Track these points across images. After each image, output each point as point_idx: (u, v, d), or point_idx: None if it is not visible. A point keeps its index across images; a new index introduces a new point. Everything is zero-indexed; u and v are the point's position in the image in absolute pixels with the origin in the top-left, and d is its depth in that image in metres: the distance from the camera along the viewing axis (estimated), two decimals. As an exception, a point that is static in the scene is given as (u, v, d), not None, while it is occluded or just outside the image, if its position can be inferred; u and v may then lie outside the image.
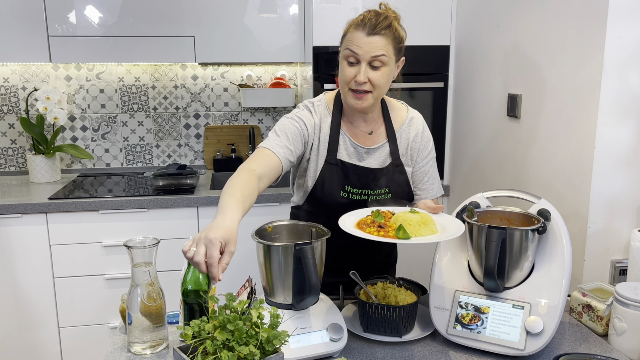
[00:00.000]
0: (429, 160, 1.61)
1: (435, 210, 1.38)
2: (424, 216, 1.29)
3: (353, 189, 1.54)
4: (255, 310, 1.06)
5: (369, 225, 1.29)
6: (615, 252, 1.73)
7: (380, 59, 1.41)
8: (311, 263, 1.22)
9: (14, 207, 2.42)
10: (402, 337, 1.35)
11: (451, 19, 2.58)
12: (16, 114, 2.97)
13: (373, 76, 1.42)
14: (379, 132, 1.58)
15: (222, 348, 1.02)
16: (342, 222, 1.30)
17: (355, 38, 1.41)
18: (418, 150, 1.59)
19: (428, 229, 1.26)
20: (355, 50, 1.41)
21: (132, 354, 1.29)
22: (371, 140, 1.57)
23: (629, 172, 1.69)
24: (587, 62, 1.70)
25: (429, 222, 1.28)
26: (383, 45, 1.41)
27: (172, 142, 3.14)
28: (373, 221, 1.31)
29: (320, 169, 1.55)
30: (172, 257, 2.46)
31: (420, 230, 1.25)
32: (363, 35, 1.40)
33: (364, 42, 1.40)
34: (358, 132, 1.57)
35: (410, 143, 1.58)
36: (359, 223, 1.32)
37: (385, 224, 1.28)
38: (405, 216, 1.29)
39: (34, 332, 2.55)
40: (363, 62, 1.42)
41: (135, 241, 1.26)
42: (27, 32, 2.58)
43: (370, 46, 1.40)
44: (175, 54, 2.70)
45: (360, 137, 1.57)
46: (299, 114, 1.55)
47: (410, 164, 1.60)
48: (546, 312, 1.27)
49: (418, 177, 1.61)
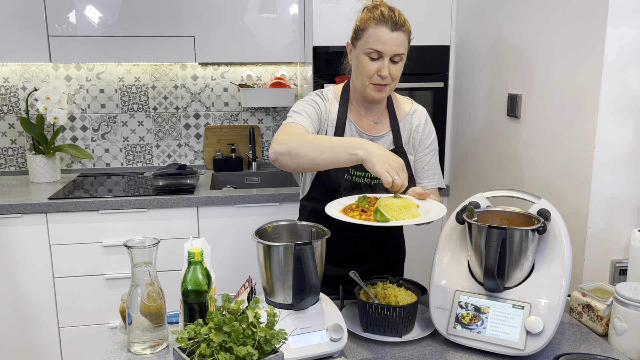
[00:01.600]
0: (430, 151, 1.67)
1: (422, 197, 1.41)
2: (406, 201, 1.32)
3: (357, 172, 1.60)
4: (251, 311, 1.06)
5: (353, 210, 1.34)
6: (615, 252, 1.73)
7: (401, 55, 1.51)
8: (311, 263, 1.22)
9: (14, 207, 2.42)
10: (402, 337, 1.36)
11: (451, 19, 2.58)
12: (16, 114, 2.97)
13: (393, 70, 1.51)
14: (383, 122, 1.65)
15: (219, 350, 1.02)
16: (328, 209, 1.33)
17: (379, 35, 1.47)
18: (420, 140, 1.66)
19: (409, 212, 1.29)
20: (379, 48, 1.47)
21: (132, 354, 1.29)
22: (376, 129, 1.64)
23: (629, 172, 1.69)
24: (587, 62, 1.70)
25: (410, 207, 1.31)
26: (403, 42, 1.49)
27: (172, 142, 3.14)
28: (357, 206, 1.35)
29: None
30: (172, 257, 2.46)
31: (400, 214, 1.28)
32: (387, 32, 1.46)
33: (388, 39, 1.46)
34: (364, 121, 1.64)
35: (412, 133, 1.65)
36: (345, 209, 1.36)
37: (368, 209, 1.33)
38: (387, 201, 1.32)
39: (34, 332, 2.55)
40: (386, 58, 1.48)
41: (135, 241, 1.26)
42: (27, 32, 2.58)
43: (394, 42, 1.47)
44: (175, 54, 2.70)
45: (365, 125, 1.64)
46: (313, 98, 1.63)
47: (413, 152, 1.67)
48: (546, 312, 1.27)
49: (419, 166, 1.67)
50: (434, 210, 1.34)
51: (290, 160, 1.40)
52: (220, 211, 2.57)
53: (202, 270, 1.29)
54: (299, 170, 1.45)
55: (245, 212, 2.58)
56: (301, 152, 1.38)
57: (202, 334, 1.04)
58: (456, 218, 1.40)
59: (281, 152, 1.40)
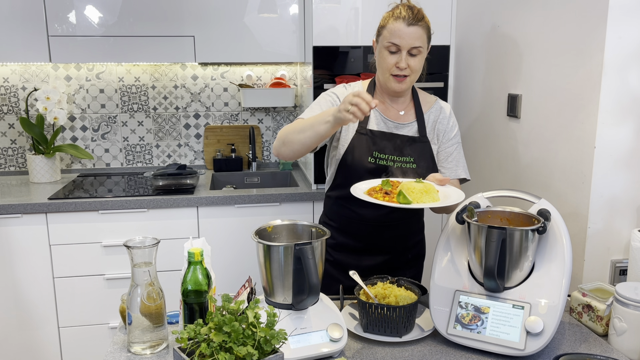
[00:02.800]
0: (453, 144, 1.74)
1: (441, 182, 1.51)
2: (427, 185, 1.40)
3: (380, 154, 1.67)
4: (251, 311, 1.06)
5: (377, 192, 1.41)
6: (615, 252, 1.73)
7: (419, 48, 1.59)
8: (311, 263, 1.22)
9: (14, 207, 2.42)
10: (402, 337, 1.36)
11: (451, 19, 2.58)
12: (16, 114, 2.97)
13: (412, 63, 1.60)
14: (409, 113, 1.73)
15: (219, 350, 1.02)
16: (353, 189, 1.44)
17: (396, 29, 1.57)
18: (444, 132, 1.73)
19: (430, 196, 1.37)
20: (396, 41, 1.57)
21: (132, 354, 1.29)
22: (401, 118, 1.72)
23: (629, 172, 1.69)
24: (587, 62, 1.70)
25: (431, 191, 1.38)
26: (420, 36, 1.58)
27: (172, 142, 3.14)
28: (381, 189, 1.42)
29: (351, 137, 1.69)
30: (172, 257, 2.46)
31: (422, 197, 1.36)
32: (404, 26, 1.56)
33: (404, 33, 1.56)
34: (391, 110, 1.72)
35: (437, 124, 1.73)
36: (369, 190, 1.44)
37: (391, 191, 1.40)
38: (409, 185, 1.41)
39: (34, 332, 2.55)
40: (403, 51, 1.58)
41: (135, 241, 1.26)
42: (27, 32, 2.58)
43: (410, 36, 1.57)
44: (175, 54, 2.70)
45: (391, 114, 1.72)
46: (334, 90, 1.74)
47: (437, 142, 1.73)
48: (546, 312, 1.27)
49: (443, 156, 1.74)
50: (453, 195, 1.42)
51: (285, 148, 1.59)
52: (220, 211, 2.57)
53: (202, 271, 1.29)
54: (297, 156, 1.59)
55: (245, 212, 2.58)
56: (290, 138, 1.56)
57: (202, 334, 1.04)
58: (456, 218, 1.40)
59: (277, 145, 1.61)
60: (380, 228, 1.71)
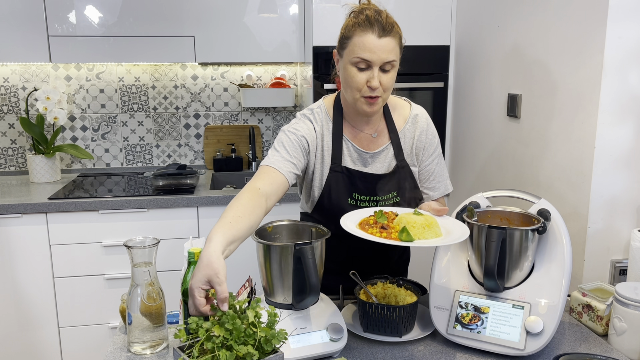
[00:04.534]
0: (434, 158, 1.57)
1: (439, 213, 1.37)
2: (428, 218, 1.27)
3: (361, 196, 1.51)
4: (252, 310, 1.06)
5: (372, 226, 1.27)
6: (615, 252, 1.73)
7: (392, 63, 1.37)
8: (311, 263, 1.22)
9: (14, 207, 2.42)
10: (402, 337, 1.35)
11: (451, 19, 2.58)
12: (16, 114, 2.97)
13: (384, 80, 1.37)
14: (382, 135, 1.54)
15: (220, 347, 1.02)
16: (343, 222, 1.28)
17: (366, 43, 1.33)
18: (423, 149, 1.55)
19: (432, 231, 1.25)
20: (367, 57, 1.34)
21: (132, 354, 1.29)
22: (375, 144, 1.53)
23: (629, 172, 1.69)
24: (587, 62, 1.70)
25: (433, 225, 1.26)
26: (393, 48, 1.35)
27: (172, 142, 3.14)
28: (376, 222, 1.29)
29: (325, 177, 1.51)
30: (172, 257, 2.46)
31: (424, 232, 1.24)
32: (374, 39, 1.33)
33: (376, 47, 1.33)
34: (361, 136, 1.52)
35: (415, 142, 1.54)
36: (361, 223, 1.30)
37: (388, 225, 1.27)
38: (409, 218, 1.26)
39: (34, 332, 2.55)
40: (375, 67, 1.35)
41: (135, 241, 1.26)
42: (27, 32, 2.58)
43: (382, 50, 1.33)
44: (175, 54, 2.70)
45: (363, 141, 1.52)
46: (295, 126, 1.50)
47: (417, 164, 1.56)
48: (546, 312, 1.27)
49: (424, 175, 1.57)
50: (455, 229, 1.28)
51: None
52: (220, 211, 2.56)
53: (202, 270, 1.29)
54: None
55: (245, 212, 2.58)
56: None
57: (204, 328, 1.04)
58: (456, 218, 1.40)
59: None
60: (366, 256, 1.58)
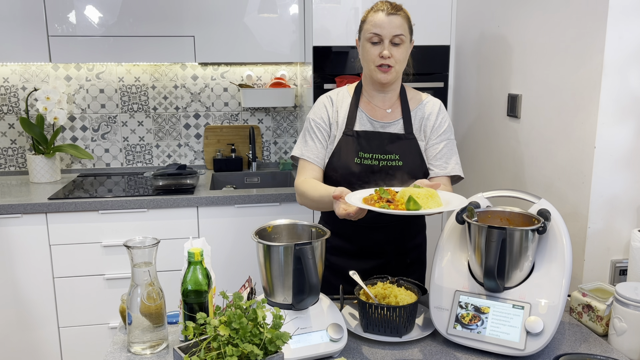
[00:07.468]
0: (442, 140, 1.69)
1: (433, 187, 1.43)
2: (429, 190, 1.34)
3: (365, 154, 1.66)
4: (260, 310, 1.07)
5: (377, 202, 1.34)
6: (615, 252, 1.73)
7: (400, 37, 1.59)
8: (311, 263, 1.22)
9: (14, 207, 2.42)
10: (402, 337, 1.35)
11: (451, 19, 2.58)
12: (16, 114, 2.97)
13: (395, 52, 1.60)
14: (395, 111, 1.72)
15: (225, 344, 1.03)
16: (349, 200, 1.35)
17: (376, 20, 1.59)
18: (432, 128, 1.70)
19: (435, 201, 1.31)
20: (378, 31, 1.59)
21: (132, 354, 1.29)
22: (387, 117, 1.71)
23: (629, 172, 1.69)
24: (587, 62, 1.70)
25: (435, 196, 1.33)
26: (401, 24, 1.59)
27: (172, 142, 3.14)
28: (380, 197, 1.35)
29: (337, 140, 1.70)
30: (172, 257, 2.46)
31: (428, 202, 1.30)
32: (384, 16, 1.59)
33: (385, 22, 1.58)
34: (376, 109, 1.71)
35: (424, 120, 1.70)
36: (366, 200, 1.36)
37: (393, 199, 1.33)
38: (411, 190, 1.34)
39: (34, 332, 2.55)
40: (386, 40, 1.59)
41: (135, 241, 1.26)
42: (27, 32, 2.58)
43: (390, 25, 1.58)
44: (175, 54, 2.70)
45: (377, 113, 1.71)
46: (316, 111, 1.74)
47: (424, 139, 1.70)
48: (546, 312, 1.27)
49: (431, 153, 1.70)
50: (454, 200, 1.35)
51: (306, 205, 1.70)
52: (220, 211, 2.57)
53: (202, 270, 1.29)
54: None
55: (245, 212, 2.58)
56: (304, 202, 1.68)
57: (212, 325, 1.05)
58: (456, 218, 1.40)
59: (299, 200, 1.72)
60: (372, 230, 1.70)
